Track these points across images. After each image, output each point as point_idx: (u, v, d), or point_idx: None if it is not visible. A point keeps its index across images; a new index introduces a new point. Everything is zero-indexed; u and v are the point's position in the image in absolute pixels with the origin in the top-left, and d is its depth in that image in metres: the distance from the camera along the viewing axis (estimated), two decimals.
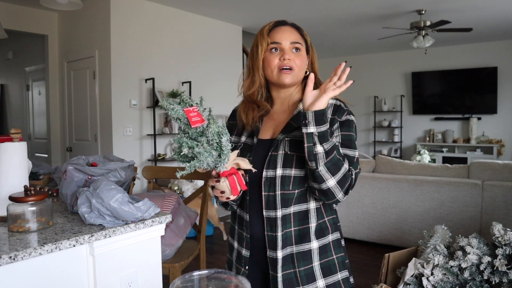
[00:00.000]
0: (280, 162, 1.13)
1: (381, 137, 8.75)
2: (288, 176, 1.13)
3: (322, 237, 1.17)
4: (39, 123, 5.66)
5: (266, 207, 1.15)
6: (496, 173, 3.55)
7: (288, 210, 1.14)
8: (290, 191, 1.13)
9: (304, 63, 1.20)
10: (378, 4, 5.01)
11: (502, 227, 1.79)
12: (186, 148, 1.01)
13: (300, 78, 1.21)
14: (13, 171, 1.37)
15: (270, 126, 1.23)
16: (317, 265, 1.16)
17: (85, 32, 4.79)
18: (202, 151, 1.00)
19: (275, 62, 1.17)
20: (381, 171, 4.09)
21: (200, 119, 1.02)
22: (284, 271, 1.14)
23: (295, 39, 1.18)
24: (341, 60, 8.79)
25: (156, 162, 4.86)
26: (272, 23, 1.22)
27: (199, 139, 1.02)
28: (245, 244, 1.21)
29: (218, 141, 1.02)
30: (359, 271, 3.30)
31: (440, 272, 1.77)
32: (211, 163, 1.03)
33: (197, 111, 1.03)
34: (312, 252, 1.15)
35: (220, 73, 5.78)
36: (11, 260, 1.06)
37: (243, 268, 1.22)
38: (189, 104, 1.03)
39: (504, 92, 7.29)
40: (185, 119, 1.02)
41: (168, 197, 2.21)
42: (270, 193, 1.14)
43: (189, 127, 1.03)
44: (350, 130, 1.14)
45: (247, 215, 1.19)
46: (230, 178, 1.06)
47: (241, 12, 5.38)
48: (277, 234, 1.13)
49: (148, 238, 1.42)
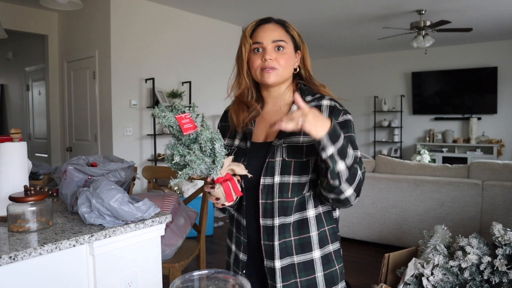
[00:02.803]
0: (278, 169, 1.10)
1: (381, 137, 8.75)
2: (286, 183, 1.10)
3: (324, 247, 1.14)
4: (39, 123, 5.66)
5: (263, 215, 1.12)
6: (496, 173, 3.55)
7: (288, 219, 1.11)
8: (289, 199, 1.11)
9: (290, 60, 1.16)
10: (378, 4, 5.01)
11: (502, 227, 1.78)
12: (177, 156, 0.99)
13: (287, 76, 1.18)
14: (13, 171, 1.37)
15: (263, 128, 1.19)
16: (321, 276, 1.13)
17: (85, 32, 4.79)
18: (194, 158, 0.98)
19: (258, 63, 1.15)
20: (381, 171, 4.09)
21: (193, 126, 1.00)
22: (285, 281, 1.11)
23: (278, 37, 1.14)
24: (341, 60, 8.80)
25: (156, 162, 4.86)
26: (255, 22, 1.18)
27: (191, 146, 1.01)
28: (242, 248, 1.19)
29: (211, 148, 1.00)
30: (359, 271, 3.30)
31: (440, 272, 1.77)
32: (205, 170, 1.01)
33: (189, 117, 1.01)
34: (315, 262, 1.13)
35: (220, 73, 5.78)
36: (11, 260, 1.06)
37: (240, 271, 1.20)
38: (181, 111, 1.01)
39: (504, 92, 7.29)
40: (177, 126, 1.01)
41: (168, 197, 2.21)
42: (268, 201, 1.11)
43: (182, 134, 1.01)
44: (349, 130, 1.12)
45: (244, 220, 1.17)
46: (225, 184, 1.04)
47: (241, 12, 5.38)
48: (274, 243, 1.11)
49: (148, 238, 1.42)
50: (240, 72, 1.20)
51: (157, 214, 1.44)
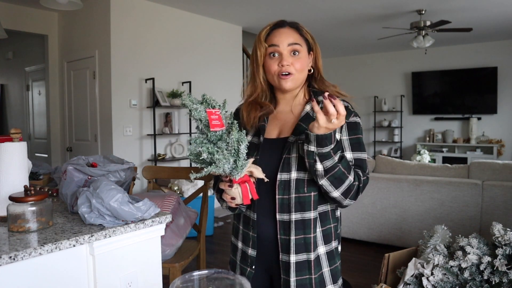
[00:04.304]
0: (294, 165, 1.12)
1: (381, 137, 8.75)
2: (302, 179, 1.12)
3: (328, 243, 1.18)
4: (39, 123, 5.66)
5: (280, 210, 1.14)
6: (496, 173, 3.55)
7: (308, 214, 1.13)
8: (306, 194, 1.12)
9: (305, 64, 1.19)
10: (378, 4, 5.01)
11: (502, 227, 1.79)
12: (206, 153, 0.99)
13: (302, 79, 1.20)
14: (13, 171, 1.37)
15: (276, 125, 1.22)
16: (327, 271, 1.17)
17: (85, 32, 4.79)
18: (221, 157, 0.99)
19: (274, 68, 1.17)
20: (381, 171, 4.10)
21: (220, 124, 1.01)
22: (299, 276, 1.13)
23: (293, 41, 1.16)
24: (341, 60, 8.80)
25: (156, 162, 4.86)
26: (270, 26, 1.20)
27: (218, 144, 1.01)
28: (251, 244, 1.20)
29: (237, 148, 1.00)
30: (359, 271, 3.30)
31: (440, 272, 1.77)
32: (227, 169, 1.02)
33: (218, 114, 1.01)
34: (321, 258, 1.16)
35: (220, 73, 5.79)
36: (11, 260, 1.06)
37: (249, 268, 1.21)
38: (212, 105, 1.02)
39: (504, 92, 7.29)
40: (206, 121, 1.01)
41: (168, 197, 2.21)
42: (284, 196, 1.13)
43: (208, 130, 1.01)
44: (358, 132, 1.15)
45: (254, 214, 1.18)
46: (243, 186, 1.05)
47: (241, 12, 5.38)
48: (290, 238, 1.13)
49: (148, 238, 1.42)
50: (255, 76, 1.21)
51: (157, 214, 1.44)
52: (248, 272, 1.21)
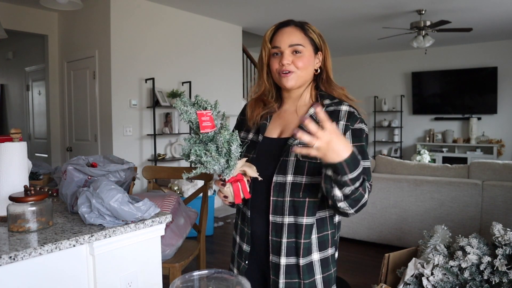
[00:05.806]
0: (291, 168, 1.12)
1: (381, 137, 8.75)
2: (299, 183, 1.11)
3: (323, 250, 1.16)
4: (39, 123, 5.66)
5: (274, 212, 1.14)
6: (496, 173, 3.55)
7: (300, 219, 1.12)
8: (301, 199, 1.12)
9: (307, 63, 1.17)
10: (378, 4, 5.01)
11: (502, 227, 1.79)
12: (193, 156, 1.00)
13: (306, 78, 1.20)
14: (13, 171, 1.37)
15: (279, 125, 1.23)
16: (319, 278, 1.15)
17: (85, 32, 4.78)
18: (209, 160, 0.99)
19: (276, 67, 1.18)
20: (381, 171, 4.09)
21: (211, 125, 1.01)
22: (288, 279, 1.13)
23: (295, 41, 1.16)
24: (341, 60, 8.79)
25: (156, 162, 4.86)
26: (274, 26, 1.21)
27: (209, 145, 1.02)
28: (246, 239, 1.21)
29: (228, 149, 1.01)
30: (359, 271, 3.30)
31: (440, 272, 1.77)
32: (218, 170, 1.02)
33: (210, 115, 1.01)
34: (314, 264, 1.15)
35: (220, 73, 5.78)
36: (11, 260, 1.06)
37: (243, 262, 1.22)
38: (203, 107, 1.02)
39: (504, 92, 7.29)
40: (197, 122, 1.01)
41: (168, 197, 2.21)
42: (279, 199, 1.13)
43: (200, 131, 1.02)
44: (362, 140, 1.13)
45: (248, 211, 1.19)
46: (235, 185, 1.06)
47: (241, 12, 5.38)
48: (282, 241, 1.13)
49: (148, 238, 1.42)
50: (261, 75, 1.23)
51: (157, 214, 1.44)
52: (242, 266, 1.23)
